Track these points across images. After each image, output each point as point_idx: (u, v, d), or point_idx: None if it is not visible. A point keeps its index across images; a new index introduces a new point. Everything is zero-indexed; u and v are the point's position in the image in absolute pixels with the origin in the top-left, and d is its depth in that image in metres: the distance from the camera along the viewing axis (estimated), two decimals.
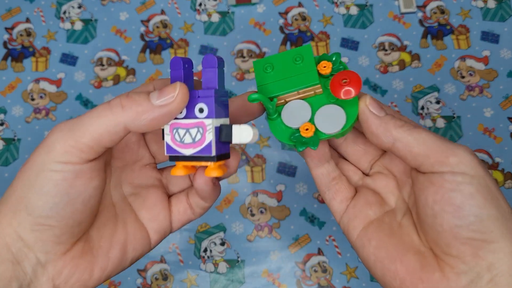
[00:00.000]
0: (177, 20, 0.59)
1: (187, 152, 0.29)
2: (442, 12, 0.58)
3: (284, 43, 0.58)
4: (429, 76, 0.56)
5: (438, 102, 0.55)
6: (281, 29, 0.58)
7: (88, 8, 0.60)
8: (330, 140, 0.35)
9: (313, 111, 0.32)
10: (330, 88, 0.30)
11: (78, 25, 0.59)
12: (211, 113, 0.29)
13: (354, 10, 0.59)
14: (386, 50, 0.57)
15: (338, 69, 0.32)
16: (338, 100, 0.31)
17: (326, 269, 0.50)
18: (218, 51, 0.58)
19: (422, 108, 0.55)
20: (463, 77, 0.56)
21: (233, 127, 0.29)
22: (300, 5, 0.59)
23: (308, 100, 0.32)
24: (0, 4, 0.61)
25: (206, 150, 0.29)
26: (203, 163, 0.29)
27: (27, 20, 0.60)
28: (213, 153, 0.29)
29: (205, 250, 0.52)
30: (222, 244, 0.52)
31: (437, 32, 0.57)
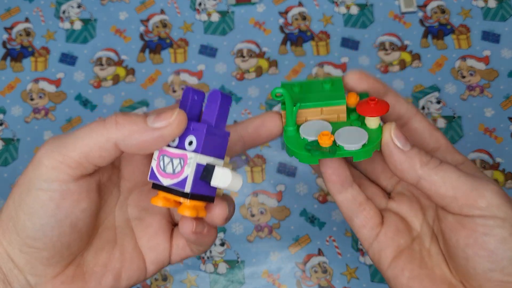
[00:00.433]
0: (177, 20, 0.59)
1: (165, 182, 0.28)
2: (443, 12, 0.58)
3: (284, 43, 0.58)
4: (430, 76, 0.56)
5: (439, 102, 0.55)
6: (281, 29, 0.58)
7: (88, 8, 0.60)
8: (349, 160, 0.34)
9: (333, 131, 0.30)
10: (357, 106, 0.30)
11: (78, 25, 0.59)
12: (198, 148, 0.28)
13: (355, 10, 0.59)
14: (387, 50, 0.57)
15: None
16: (362, 126, 0.31)
17: (326, 270, 0.50)
18: (218, 51, 0.58)
19: (423, 108, 0.55)
20: (464, 77, 0.56)
21: (216, 169, 0.28)
22: (300, 5, 0.59)
23: (330, 124, 0.31)
24: None
25: (181, 184, 0.28)
26: (178, 198, 0.28)
27: (26, 20, 0.60)
28: (187, 189, 0.28)
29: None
30: (222, 245, 0.52)
31: (438, 32, 0.57)
